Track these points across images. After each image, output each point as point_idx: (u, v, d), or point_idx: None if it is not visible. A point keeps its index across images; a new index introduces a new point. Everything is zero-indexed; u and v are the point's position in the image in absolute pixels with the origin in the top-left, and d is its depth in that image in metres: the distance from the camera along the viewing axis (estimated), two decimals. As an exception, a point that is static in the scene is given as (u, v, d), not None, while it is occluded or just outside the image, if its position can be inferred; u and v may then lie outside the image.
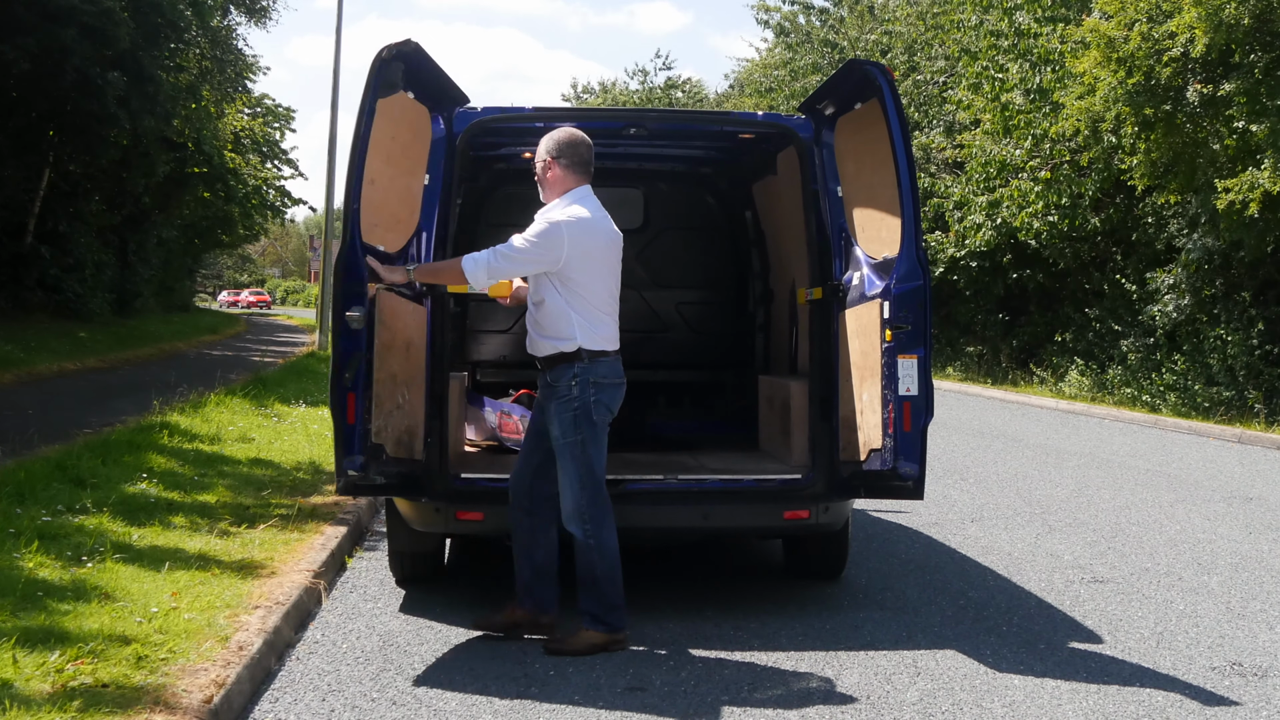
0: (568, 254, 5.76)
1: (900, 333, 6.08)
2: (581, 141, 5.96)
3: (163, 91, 23.96)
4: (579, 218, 5.82)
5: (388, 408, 5.91)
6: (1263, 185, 15.43)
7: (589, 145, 5.97)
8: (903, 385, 6.06)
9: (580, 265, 5.80)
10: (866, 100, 6.36)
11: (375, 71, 5.80)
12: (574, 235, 5.77)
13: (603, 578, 5.80)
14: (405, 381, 6.03)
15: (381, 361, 5.85)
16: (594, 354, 5.83)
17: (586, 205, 5.91)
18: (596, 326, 5.86)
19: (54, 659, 4.88)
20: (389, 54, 5.85)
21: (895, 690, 5.36)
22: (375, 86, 5.80)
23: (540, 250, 5.77)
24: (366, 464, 5.79)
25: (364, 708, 5.05)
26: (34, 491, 8.15)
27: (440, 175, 6.35)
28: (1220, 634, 6.33)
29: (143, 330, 27.27)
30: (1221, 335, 17.92)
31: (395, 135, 6.11)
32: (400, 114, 6.15)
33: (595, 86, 55.26)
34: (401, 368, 6.01)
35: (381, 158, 6.01)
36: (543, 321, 5.91)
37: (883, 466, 6.19)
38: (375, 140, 5.88)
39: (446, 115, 6.46)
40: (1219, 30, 15.61)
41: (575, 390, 5.80)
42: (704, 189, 9.14)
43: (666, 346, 9.30)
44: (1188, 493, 11.05)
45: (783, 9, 35.05)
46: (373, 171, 5.91)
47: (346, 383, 5.68)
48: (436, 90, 6.42)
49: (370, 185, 5.90)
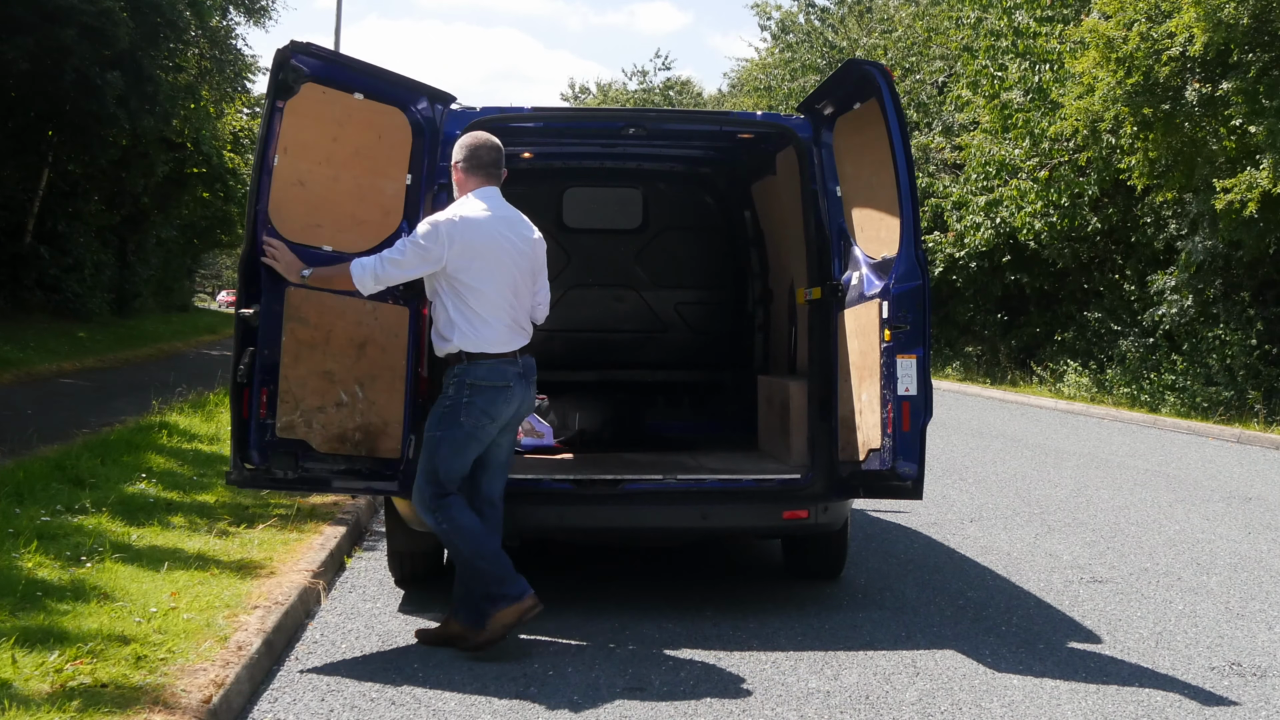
0: (449, 255, 5.74)
1: (899, 332, 6.08)
2: (483, 144, 5.94)
3: (162, 91, 23.94)
4: (464, 217, 5.79)
5: (313, 404, 5.92)
6: (1261, 185, 15.44)
7: (491, 147, 5.94)
8: (901, 385, 6.06)
9: (464, 266, 5.76)
10: (865, 100, 6.36)
11: (271, 74, 5.91)
12: (455, 235, 5.73)
13: (474, 556, 5.76)
14: (359, 379, 6.02)
15: (301, 358, 5.88)
16: (473, 356, 5.78)
17: (486, 205, 5.87)
18: (480, 329, 5.79)
19: (53, 659, 4.88)
20: (282, 56, 5.91)
21: (894, 690, 5.36)
22: (272, 89, 5.90)
23: (419, 252, 5.77)
24: (267, 458, 5.84)
25: (363, 707, 5.05)
26: (33, 491, 8.15)
27: (424, 174, 6.34)
28: (1219, 634, 6.34)
29: (142, 330, 27.26)
30: (1221, 335, 17.93)
31: (338, 136, 6.10)
32: (345, 115, 6.13)
33: (592, 87, 55.27)
34: (344, 365, 6.01)
35: (316, 159, 6.04)
36: (435, 321, 5.97)
37: (882, 466, 6.18)
38: (303, 142, 5.96)
39: (429, 116, 6.41)
40: (1218, 29, 15.61)
41: (450, 390, 5.83)
42: (703, 189, 9.13)
43: (665, 346, 9.30)
44: (1187, 493, 11.06)
45: (783, 7, 35.08)
46: (300, 173, 5.98)
47: (240, 378, 5.77)
48: (400, 90, 6.37)
49: (300, 187, 5.97)
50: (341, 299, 5.98)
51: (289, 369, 5.83)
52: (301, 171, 5.98)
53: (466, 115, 6.58)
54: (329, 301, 5.96)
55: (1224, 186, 16.06)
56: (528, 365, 5.93)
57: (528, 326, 6.01)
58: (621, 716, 4.99)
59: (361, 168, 6.18)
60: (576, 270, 9.19)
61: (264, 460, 5.85)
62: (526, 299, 5.98)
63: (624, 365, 9.24)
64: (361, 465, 6.08)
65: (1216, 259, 18.18)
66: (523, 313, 5.97)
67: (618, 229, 9.19)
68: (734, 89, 50.10)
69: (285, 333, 5.82)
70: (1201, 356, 18.23)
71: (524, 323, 5.97)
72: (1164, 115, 17.11)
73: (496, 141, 5.99)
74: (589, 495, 6.44)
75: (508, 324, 5.84)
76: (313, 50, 6.05)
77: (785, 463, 7.21)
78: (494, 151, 5.95)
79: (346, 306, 5.99)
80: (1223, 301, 18.39)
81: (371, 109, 6.20)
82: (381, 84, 6.31)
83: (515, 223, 5.96)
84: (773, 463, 7.38)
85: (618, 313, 9.26)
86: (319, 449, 5.95)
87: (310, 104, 5.99)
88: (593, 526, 6.59)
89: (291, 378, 5.84)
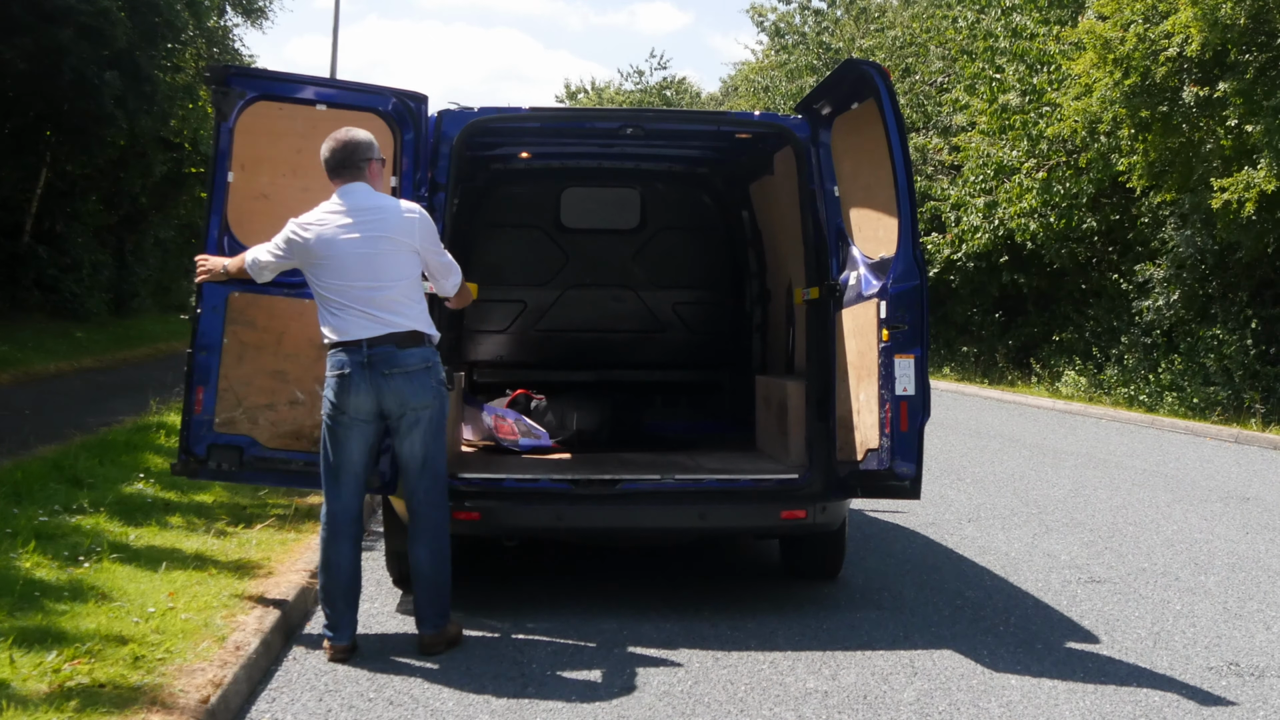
0: (300, 252, 5.80)
1: (897, 332, 6.08)
2: (331, 148, 5.85)
3: (160, 91, 23.91)
4: (309, 216, 5.82)
5: (259, 402, 6.19)
6: (1258, 185, 15.45)
7: (338, 148, 5.84)
8: (900, 385, 6.07)
9: (313, 262, 5.79)
10: (864, 100, 6.37)
11: (212, 96, 6.29)
12: (301, 234, 5.78)
13: (323, 587, 5.81)
14: (320, 378, 6.05)
15: (245, 359, 6.18)
16: (328, 347, 5.80)
17: (338, 203, 5.83)
18: (330, 319, 5.77)
19: (51, 659, 4.88)
20: (217, 78, 6.27)
21: (892, 690, 5.36)
22: (217, 111, 6.24)
23: (279, 251, 5.87)
24: (208, 450, 6.17)
25: (361, 708, 5.05)
26: (31, 491, 8.14)
27: (409, 177, 6.35)
28: (1217, 634, 6.34)
29: (140, 330, 27.19)
30: (1218, 335, 17.94)
31: (303, 148, 6.25)
32: (309, 128, 6.26)
33: (588, 86, 55.22)
34: (301, 365, 6.22)
35: (280, 172, 6.32)
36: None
37: (880, 466, 6.19)
38: (261, 157, 6.26)
39: (404, 117, 6.40)
40: (1215, 30, 15.62)
41: (320, 386, 5.96)
42: (701, 189, 9.14)
43: (663, 346, 9.30)
44: (1184, 493, 11.06)
45: (779, 9, 35.06)
46: (262, 187, 6.28)
47: (192, 377, 6.15)
48: (366, 96, 6.42)
49: (264, 200, 6.26)
50: (300, 301, 6.16)
51: (230, 369, 6.18)
52: (264, 185, 6.29)
53: (464, 115, 6.59)
54: (281, 305, 6.21)
55: (1221, 186, 16.07)
56: (380, 355, 5.66)
57: (397, 314, 5.73)
58: (619, 717, 4.99)
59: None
60: (574, 270, 9.20)
61: (204, 453, 6.18)
62: (403, 284, 5.78)
63: (622, 365, 9.25)
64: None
65: (1205, 255, 18.20)
66: (391, 300, 5.73)
67: (615, 229, 9.20)
68: (728, 93, 50.10)
69: (227, 335, 6.18)
70: (1199, 356, 18.24)
71: (389, 310, 5.72)
72: (1161, 116, 17.12)
73: (348, 138, 5.85)
74: (587, 495, 6.44)
75: (358, 313, 5.70)
76: (248, 71, 6.66)
77: (783, 463, 7.22)
78: (341, 151, 5.83)
79: (305, 309, 6.13)
80: (1220, 301, 18.40)
81: (339, 118, 6.30)
82: (344, 93, 6.53)
83: (374, 210, 5.81)
84: (770, 463, 7.38)
85: (615, 313, 9.27)
86: (267, 444, 6.20)
87: (266, 120, 6.29)
88: (591, 526, 6.58)
89: (234, 377, 6.18)
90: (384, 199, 5.93)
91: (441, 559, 5.84)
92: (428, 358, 5.77)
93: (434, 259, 5.97)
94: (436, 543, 5.84)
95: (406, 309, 5.77)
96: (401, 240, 5.78)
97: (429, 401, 5.76)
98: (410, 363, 5.71)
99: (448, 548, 5.88)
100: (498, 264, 9.03)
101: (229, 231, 6.23)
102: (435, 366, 5.81)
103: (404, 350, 5.70)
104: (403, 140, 6.36)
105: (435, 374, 5.80)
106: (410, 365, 5.71)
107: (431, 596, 5.83)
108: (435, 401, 5.78)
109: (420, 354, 5.74)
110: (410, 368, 5.71)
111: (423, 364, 5.74)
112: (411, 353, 5.72)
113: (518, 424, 7.84)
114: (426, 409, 5.75)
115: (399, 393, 5.69)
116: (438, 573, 5.83)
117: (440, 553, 5.84)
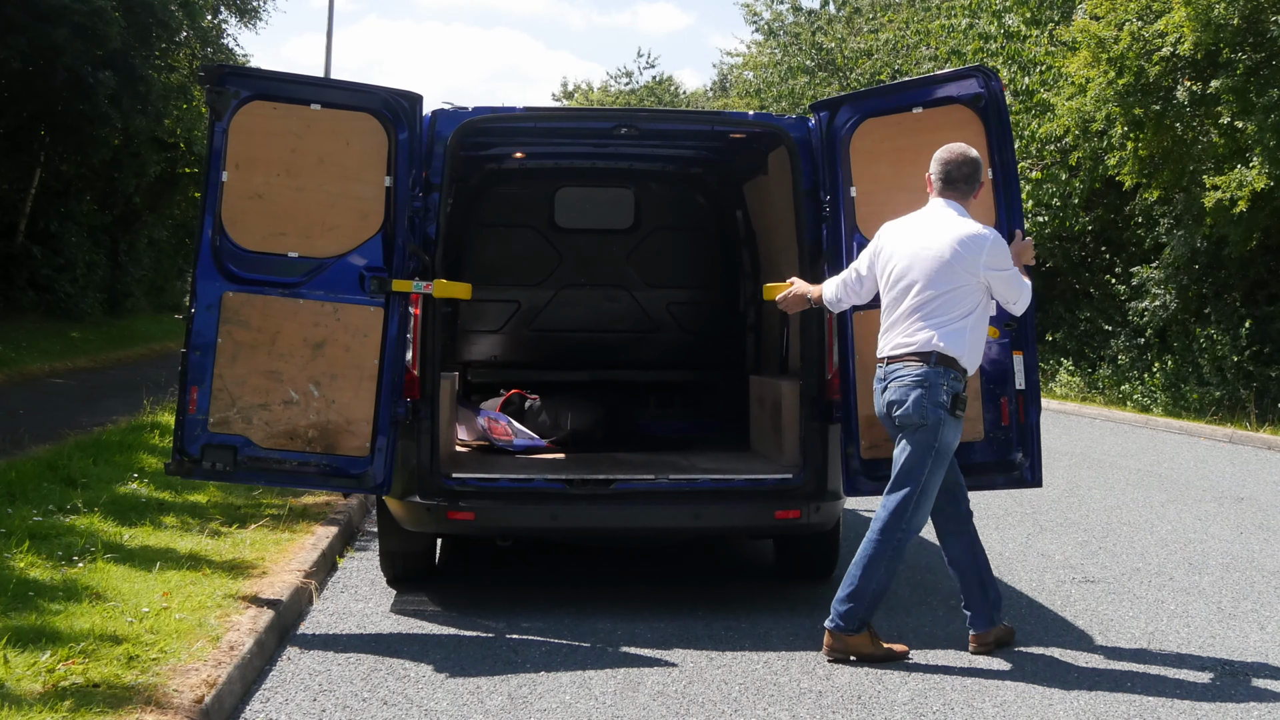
0: None
1: (1008, 330, 6.60)
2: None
3: (154, 91, 23.90)
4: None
5: (253, 402, 6.22)
6: (1251, 183, 15.48)
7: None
8: (1017, 380, 6.53)
9: None
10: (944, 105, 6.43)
11: (206, 96, 6.30)
12: None
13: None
14: (314, 378, 6.21)
15: (239, 358, 6.20)
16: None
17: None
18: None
19: (45, 659, 4.88)
20: (213, 78, 6.28)
21: (886, 690, 5.37)
22: (210, 110, 6.27)
23: None
24: (202, 450, 6.19)
25: (355, 707, 5.05)
26: (25, 491, 8.14)
27: (404, 177, 6.35)
28: (1211, 634, 6.35)
29: (134, 330, 27.16)
30: (1212, 335, 17.96)
31: (297, 148, 6.31)
32: (303, 127, 6.32)
33: (584, 86, 55.29)
34: (295, 365, 6.24)
35: (274, 171, 6.33)
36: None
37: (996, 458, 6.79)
38: (255, 157, 6.29)
39: (400, 117, 6.40)
40: (1208, 29, 15.66)
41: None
42: (695, 189, 9.14)
43: (657, 346, 9.30)
44: (1179, 493, 11.08)
45: (772, 7, 35.02)
46: (256, 187, 6.30)
47: (186, 376, 6.19)
48: (361, 95, 6.43)
49: (258, 199, 6.29)
50: (292, 302, 6.23)
51: (224, 368, 6.21)
52: (258, 185, 6.31)
53: (458, 115, 6.59)
54: (276, 305, 6.25)
55: (1214, 184, 16.10)
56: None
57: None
58: (614, 717, 5.00)
59: (329, 175, 6.37)
60: (568, 270, 9.19)
61: (198, 453, 6.19)
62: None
63: (616, 365, 9.24)
64: (317, 462, 6.26)
65: (1199, 255, 18.22)
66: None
67: (609, 229, 9.19)
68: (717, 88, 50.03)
69: (221, 334, 6.20)
70: (1193, 356, 18.26)
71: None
72: (1155, 115, 17.16)
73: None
74: (581, 495, 6.44)
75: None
76: (242, 71, 6.73)
77: (777, 463, 7.22)
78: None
79: (299, 309, 6.22)
80: (1214, 301, 18.42)
81: (334, 117, 6.37)
82: (339, 92, 6.59)
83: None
84: (764, 463, 7.39)
85: (609, 313, 9.26)
86: (261, 444, 6.22)
87: (260, 120, 6.31)
88: (585, 526, 6.59)
89: (228, 377, 6.20)
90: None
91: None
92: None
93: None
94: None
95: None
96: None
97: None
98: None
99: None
100: (492, 264, 9.03)
101: (223, 231, 6.25)
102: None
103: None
104: (397, 140, 6.36)
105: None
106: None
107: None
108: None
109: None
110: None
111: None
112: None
113: (510, 425, 7.85)
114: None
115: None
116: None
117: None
